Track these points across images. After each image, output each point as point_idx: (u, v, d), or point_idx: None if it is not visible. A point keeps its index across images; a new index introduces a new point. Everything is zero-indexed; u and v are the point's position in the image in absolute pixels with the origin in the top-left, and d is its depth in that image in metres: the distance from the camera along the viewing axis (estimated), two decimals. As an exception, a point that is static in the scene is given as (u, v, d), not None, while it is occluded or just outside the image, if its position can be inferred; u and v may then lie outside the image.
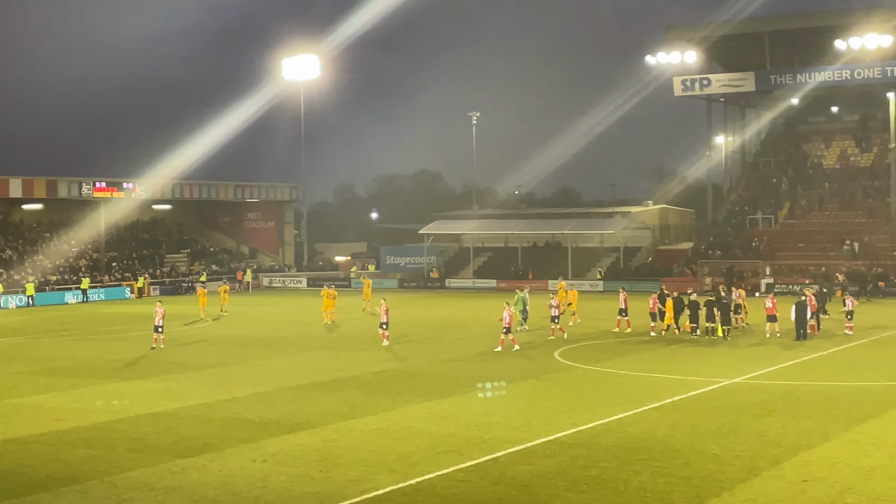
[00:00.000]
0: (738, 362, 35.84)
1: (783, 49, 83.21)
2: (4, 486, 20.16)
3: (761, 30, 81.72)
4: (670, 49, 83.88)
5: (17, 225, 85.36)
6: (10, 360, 40.09)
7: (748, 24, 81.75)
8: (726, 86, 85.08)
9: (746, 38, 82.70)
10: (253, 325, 53.61)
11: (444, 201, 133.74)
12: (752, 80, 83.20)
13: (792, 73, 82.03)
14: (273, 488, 19.63)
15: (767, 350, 39.31)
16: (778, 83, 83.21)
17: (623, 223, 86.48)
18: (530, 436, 23.73)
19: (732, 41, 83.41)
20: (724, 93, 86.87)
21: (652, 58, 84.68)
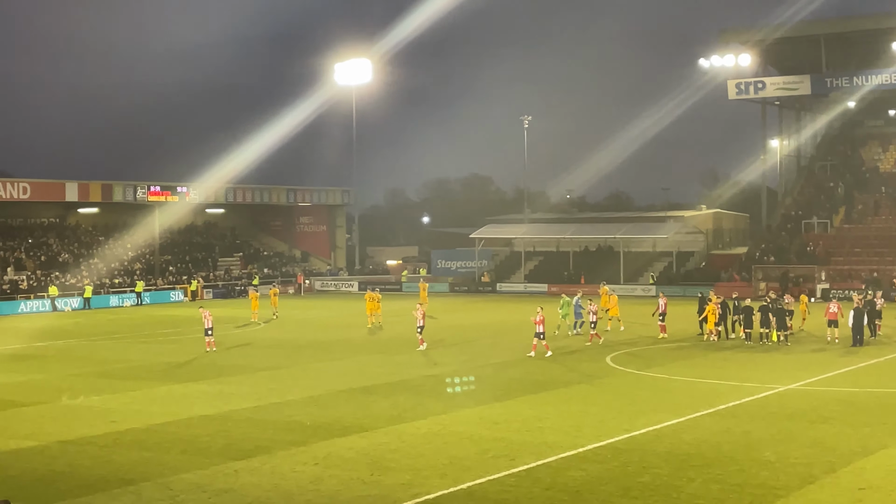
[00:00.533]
0: (792, 368, 35.42)
1: (839, 52, 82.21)
2: (60, 486, 20.39)
3: (817, 32, 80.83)
4: (724, 52, 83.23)
5: (73, 228, 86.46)
6: (66, 362, 40.59)
7: (804, 26, 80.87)
8: (781, 89, 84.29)
9: (802, 41, 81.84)
10: (304, 328, 53.85)
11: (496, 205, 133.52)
12: (808, 83, 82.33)
13: (848, 75, 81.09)
14: (324, 491, 19.68)
15: (823, 356, 38.82)
16: (834, 86, 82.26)
17: (676, 227, 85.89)
18: (582, 441, 23.60)
19: (788, 44, 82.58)
20: (779, 96, 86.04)
21: (706, 61, 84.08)
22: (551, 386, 32.12)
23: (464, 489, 19.67)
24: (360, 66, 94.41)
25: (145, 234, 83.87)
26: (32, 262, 77.64)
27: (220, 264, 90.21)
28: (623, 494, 19.16)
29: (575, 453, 22.43)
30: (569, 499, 18.96)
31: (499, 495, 19.25)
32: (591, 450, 22.77)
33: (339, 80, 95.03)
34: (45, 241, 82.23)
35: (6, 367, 39.22)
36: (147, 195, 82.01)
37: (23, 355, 43.20)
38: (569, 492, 19.37)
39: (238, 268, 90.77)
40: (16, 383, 34.68)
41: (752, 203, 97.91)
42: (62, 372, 37.38)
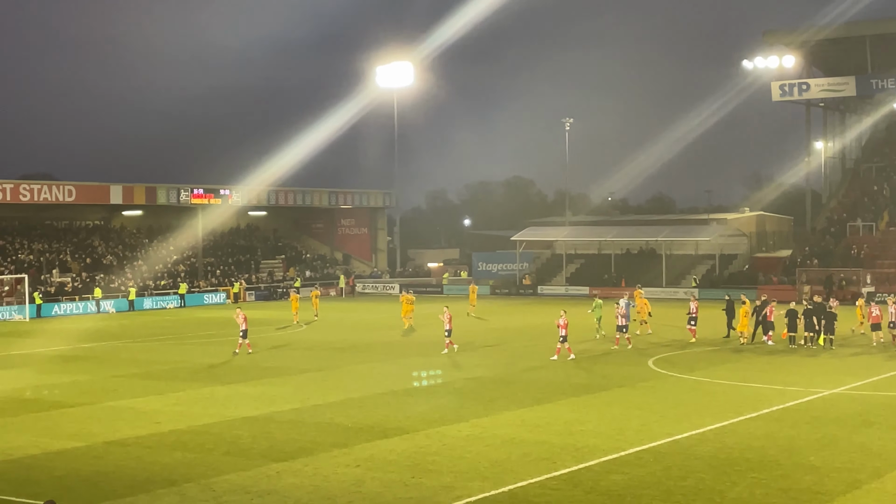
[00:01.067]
0: (838, 372, 35.09)
1: (885, 53, 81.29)
2: (105, 487, 20.58)
3: (863, 33, 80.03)
4: (768, 53, 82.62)
5: (118, 231, 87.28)
6: (110, 363, 40.97)
7: (849, 27, 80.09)
8: (826, 90, 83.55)
9: (847, 42, 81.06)
10: (346, 330, 54.00)
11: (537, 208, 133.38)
12: (853, 84, 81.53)
13: (894, 77, 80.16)
14: (366, 493, 19.73)
15: (869, 360, 38.42)
16: (880, 87, 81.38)
17: (719, 230, 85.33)
18: (624, 444, 23.51)
19: (833, 45, 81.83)
20: (824, 97, 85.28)
21: (749, 62, 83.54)
22: (593, 389, 32.02)
23: (505, 492, 19.65)
24: (402, 69, 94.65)
25: (188, 236, 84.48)
26: (77, 264, 78.45)
27: (262, 267, 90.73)
28: (665, 499, 19.06)
29: (617, 457, 22.35)
30: (611, 502, 18.89)
31: (540, 498, 19.22)
32: (633, 453, 22.67)
33: (380, 83, 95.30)
34: (90, 244, 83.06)
35: (52, 368, 39.66)
36: (190, 198, 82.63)
37: (68, 357, 43.66)
38: (611, 496, 19.30)
39: (280, 270, 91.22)
40: (61, 384, 35.05)
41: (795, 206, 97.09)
42: (107, 373, 37.73)
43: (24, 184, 75.96)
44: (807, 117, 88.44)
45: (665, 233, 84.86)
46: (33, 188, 74.64)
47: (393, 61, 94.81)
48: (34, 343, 49.21)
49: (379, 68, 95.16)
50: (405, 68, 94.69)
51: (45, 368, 39.45)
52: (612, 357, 40.06)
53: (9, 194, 72.12)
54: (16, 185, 74.45)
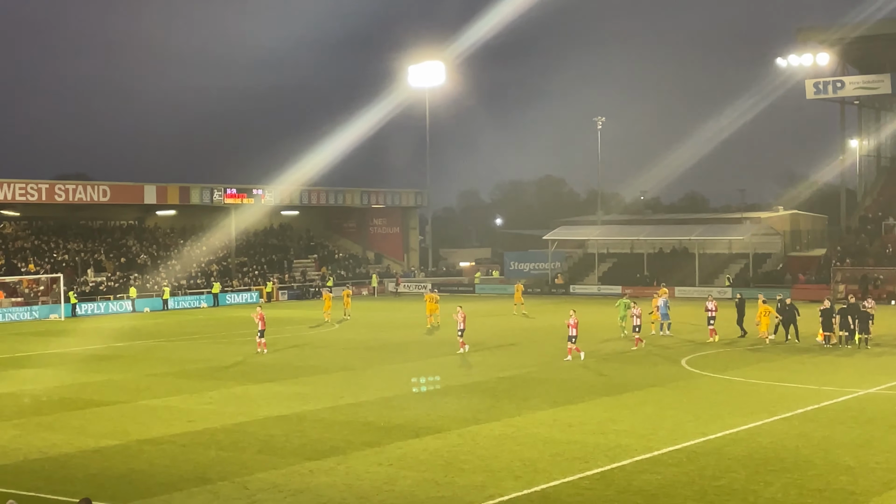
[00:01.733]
0: (873, 372, 34.81)
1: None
2: (139, 485, 20.72)
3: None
4: (802, 51, 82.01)
5: (152, 231, 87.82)
6: (145, 362, 41.24)
7: (885, 24, 79.28)
8: (861, 88, 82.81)
9: (883, 39, 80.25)
10: (378, 329, 54.09)
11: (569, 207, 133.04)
12: (889, 82, 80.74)
13: (931, 74, 79.35)
14: (399, 492, 19.76)
15: (904, 360, 38.10)
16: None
17: (752, 229, 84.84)
18: (657, 444, 23.43)
19: (868, 42, 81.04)
20: (859, 95, 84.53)
21: (783, 60, 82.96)
22: (625, 388, 31.93)
23: (537, 491, 19.63)
24: (434, 69, 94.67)
25: (222, 236, 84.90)
26: (112, 263, 79.02)
27: (294, 266, 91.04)
28: (699, 499, 18.98)
29: (650, 457, 22.28)
30: (644, 502, 18.83)
31: (572, 498, 19.18)
32: (667, 453, 22.59)
33: (412, 83, 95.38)
34: (125, 243, 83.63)
35: (87, 367, 39.97)
36: (224, 198, 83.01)
37: (103, 356, 43.98)
38: (644, 495, 19.24)
39: (313, 269, 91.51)
40: (96, 383, 35.32)
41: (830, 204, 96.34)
42: (141, 372, 37.99)
43: (59, 184, 76.58)
44: (841, 115, 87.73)
45: (698, 232, 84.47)
46: (68, 188, 75.23)
47: (424, 61, 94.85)
48: (69, 342, 49.62)
49: (411, 68, 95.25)
50: (437, 68, 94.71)
51: (81, 367, 39.77)
52: (645, 357, 39.93)
53: (44, 194, 72.71)
54: (51, 185, 75.05)
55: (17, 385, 34.86)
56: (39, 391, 33.47)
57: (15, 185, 70.59)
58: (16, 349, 47.35)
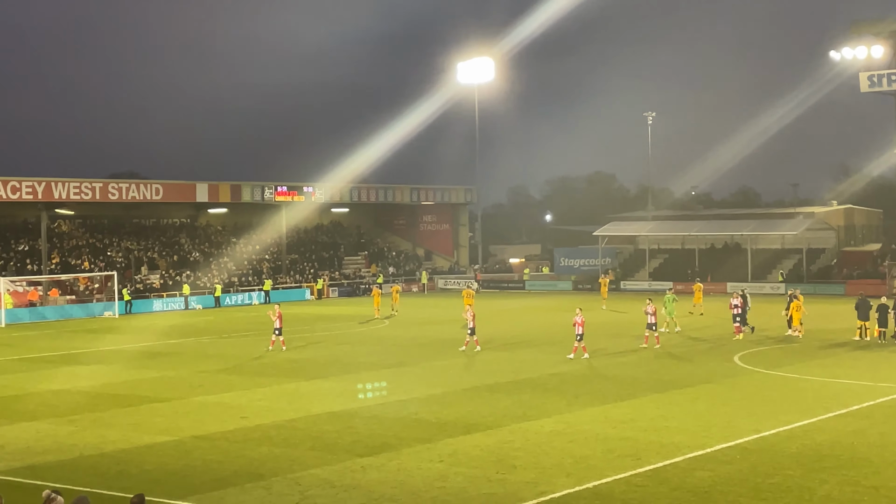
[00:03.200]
0: (930, 368, 34.31)
1: (978, 41, 79.12)
2: (194, 481, 20.90)
3: (954, 22, 77.97)
4: (856, 44, 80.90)
5: (204, 228, 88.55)
6: (197, 359, 41.58)
7: (940, 15, 78.08)
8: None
9: (938, 30, 79.03)
10: (427, 325, 54.17)
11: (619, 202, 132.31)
12: (944, 74, 79.48)
13: None
14: (450, 489, 19.76)
15: (962, 356, 37.52)
16: (972, 77, 79.22)
17: (806, 224, 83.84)
18: (710, 441, 23.25)
19: (923, 34, 79.79)
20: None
21: (836, 53, 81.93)
22: (678, 385, 31.72)
23: (589, 488, 19.55)
24: (483, 65, 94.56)
25: (273, 233, 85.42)
26: (165, 261, 79.79)
27: (345, 263, 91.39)
28: (753, 496, 18.81)
29: (703, 454, 22.11)
30: (697, 500, 18.68)
31: (625, 495, 19.08)
32: (720, 450, 22.41)
33: (461, 79, 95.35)
34: (177, 241, 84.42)
35: (141, 363, 40.38)
36: (274, 195, 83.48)
37: (157, 352, 44.40)
38: (697, 493, 19.10)
39: (363, 266, 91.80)
40: (150, 379, 35.67)
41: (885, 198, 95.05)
42: (194, 369, 38.32)
43: (112, 183, 77.38)
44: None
45: (750, 227, 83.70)
46: (122, 187, 76.01)
47: (474, 57, 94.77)
48: (123, 339, 50.15)
49: (460, 64, 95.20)
50: (486, 64, 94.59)
51: (134, 364, 40.17)
52: (697, 353, 39.67)
53: (98, 193, 73.50)
54: (105, 184, 75.84)
55: (71, 382, 35.29)
56: (94, 388, 33.85)
57: (70, 185, 71.43)
58: (71, 346, 47.96)
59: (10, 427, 27.00)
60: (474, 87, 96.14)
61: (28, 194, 69.00)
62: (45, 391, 33.38)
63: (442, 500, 18.99)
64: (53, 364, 40.89)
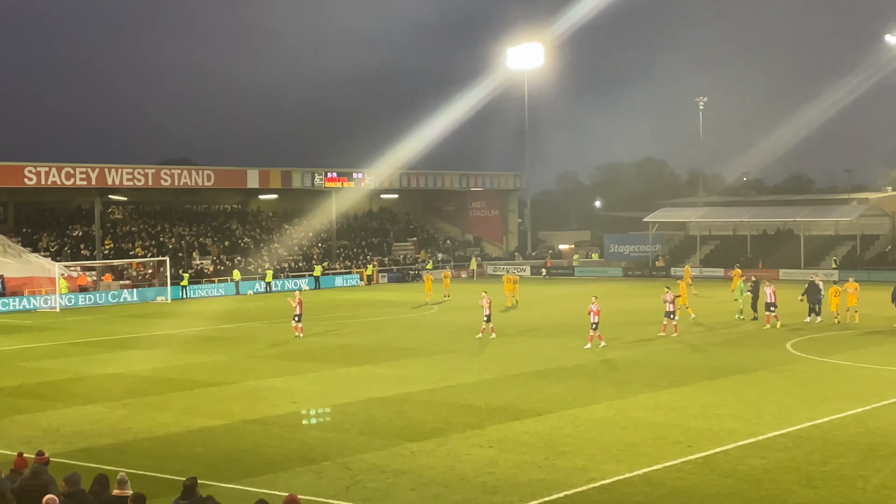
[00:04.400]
0: None
1: None
2: (245, 464, 21.06)
3: None
4: (912, 27, 79.73)
5: (254, 214, 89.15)
6: (249, 344, 41.89)
7: None
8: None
9: None
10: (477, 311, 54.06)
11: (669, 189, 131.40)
12: None
13: None
14: (500, 474, 19.76)
15: None
16: None
17: (860, 210, 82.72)
18: (762, 429, 23.06)
19: (981, 16, 78.47)
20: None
21: (892, 37, 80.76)
22: (729, 372, 31.49)
23: (640, 475, 19.47)
24: (532, 50, 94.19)
25: (322, 219, 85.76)
26: (216, 247, 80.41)
27: (394, 249, 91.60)
28: (806, 484, 18.64)
29: (754, 441, 21.95)
30: (749, 487, 18.54)
31: (676, 482, 18.98)
32: (772, 438, 22.23)
33: (511, 65, 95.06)
34: (228, 227, 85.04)
35: (193, 348, 40.74)
36: (324, 181, 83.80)
37: (209, 337, 44.77)
38: (749, 480, 18.95)
39: (412, 252, 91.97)
40: (202, 364, 35.99)
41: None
42: (245, 353, 38.61)
43: (164, 169, 78.03)
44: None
45: (803, 213, 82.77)
46: (173, 173, 76.63)
47: (523, 43, 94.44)
48: (176, 324, 50.61)
49: (509, 50, 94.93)
50: (536, 49, 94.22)
51: (186, 348, 40.54)
52: (749, 340, 39.36)
53: (150, 179, 74.21)
54: (157, 170, 76.54)
55: (125, 366, 35.69)
56: (147, 372, 34.21)
57: (123, 171, 72.17)
58: (124, 331, 48.51)
59: (65, 410, 27.37)
60: (524, 72, 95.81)
61: (82, 180, 69.78)
62: (100, 375, 33.79)
63: (491, 486, 18.99)
64: (107, 348, 41.38)
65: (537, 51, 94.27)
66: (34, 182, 67.61)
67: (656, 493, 18.33)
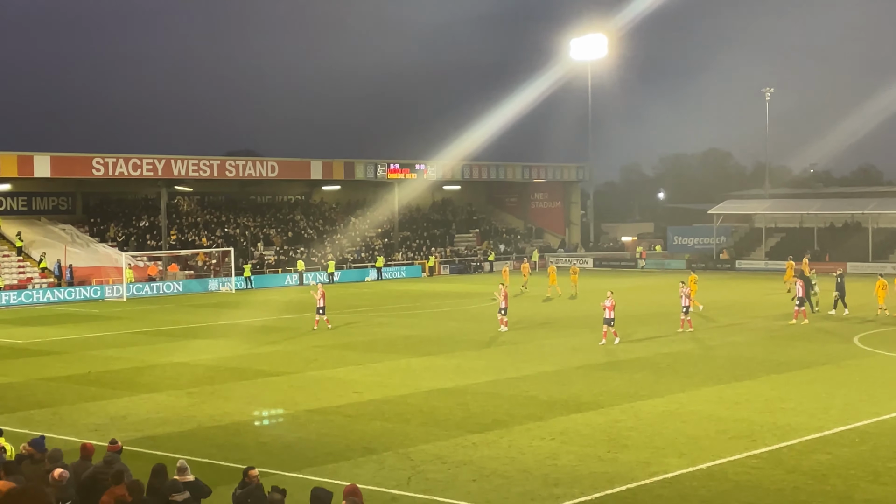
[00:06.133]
0: None
1: None
2: (308, 454, 21.22)
3: None
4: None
5: (318, 206, 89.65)
6: (311, 334, 42.15)
7: None
8: None
9: None
10: (539, 304, 54.03)
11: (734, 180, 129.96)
12: None
13: None
14: (562, 466, 19.72)
15: None
16: None
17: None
18: (828, 423, 22.78)
19: None
20: None
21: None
22: (794, 366, 31.12)
23: (703, 469, 19.32)
24: (596, 41, 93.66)
25: (385, 210, 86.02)
26: (280, 238, 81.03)
27: (456, 240, 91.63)
28: (873, 480, 18.37)
29: (820, 436, 21.68)
30: (814, 483, 18.32)
31: (739, 477, 18.81)
32: (838, 433, 21.96)
33: (574, 56, 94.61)
34: (292, 218, 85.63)
35: (257, 338, 41.10)
36: (387, 173, 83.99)
37: (272, 327, 45.14)
38: (814, 476, 18.73)
39: (474, 244, 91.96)
40: (266, 354, 36.31)
41: None
42: (308, 344, 38.88)
43: (229, 160, 78.70)
44: None
45: (872, 205, 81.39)
46: (238, 164, 77.29)
47: (587, 33, 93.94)
48: (240, 314, 51.06)
49: (573, 41, 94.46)
50: (599, 40, 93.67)
51: (251, 338, 40.91)
52: (815, 334, 38.83)
53: (215, 170, 74.87)
54: (222, 161, 77.20)
55: (190, 355, 36.12)
56: (212, 361, 34.59)
57: (188, 162, 72.88)
58: (189, 320, 49.09)
59: (132, 399, 27.77)
60: (587, 63, 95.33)
61: (149, 171, 70.60)
62: (165, 364, 34.24)
63: (553, 478, 18.96)
64: (173, 337, 41.90)
65: (601, 41, 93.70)
66: (102, 173, 68.51)
67: (720, 488, 18.18)
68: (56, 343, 40.69)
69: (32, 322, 49.02)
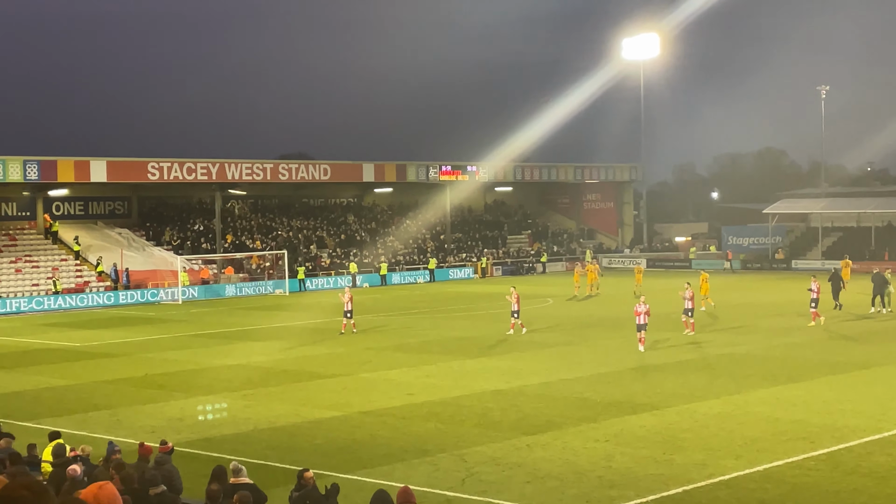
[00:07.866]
0: None
1: None
2: (362, 455, 21.28)
3: None
4: None
5: (370, 208, 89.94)
6: (364, 336, 42.27)
7: None
8: None
9: None
10: (593, 304, 53.81)
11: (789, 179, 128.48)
12: None
13: None
14: (617, 469, 19.61)
15: None
16: None
17: None
18: (887, 425, 22.46)
19: None
20: None
21: None
22: (852, 367, 30.72)
23: (759, 471, 19.13)
24: (649, 41, 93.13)
25: (437, 212, 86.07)
26: (332, 240, 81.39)
27: (508, 242, 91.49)
28: (934, 483, 18.08)
29: (879, 437, 21.39)
30: (874, 485, 18.07)
31: (797, 479, 18.60)
32: (898, 435, 21.63)
33: (626, 56, 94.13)
34: (344, 220, 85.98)
35: (310, 340, 41.29)
36: (439, 175, 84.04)
37: (325, 329, 45.29)
38: (874, 477, 18.47)
39: (526, 245, 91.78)
40: (320, 356, 36.47)
41: None
42: (361, 346, 38.99)
43: (282, 163, 79.12)
44: None
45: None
46: (291, 167, 77.69)
47: (639, 33, 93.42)
48: (293, 316, 51.36)
49: (625, 41, 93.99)
50: (652, 40, 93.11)
51: (304, 340, 41.11)
52: (873, 335, 38.31)
53: (269, 174, 75.36)
54: (275, 164, 77.69)
55: (245, 357, 36.37)
56: (266, 363, 34.81)
57: (242, 166, 73.45)
58: (244, 323, 49.44)
59: (187, 400, 28.02)
60: (640, 62, 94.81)
61: (203, 175, 71.18)
62: (220, 366, 34.51)
63: (608, 480, 18.86)
64: (227, 340, 42.23)
65: (653, 41, 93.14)
66: (157, 177, 69.21)
67: (777, 490, 17.98)
68: (113, 346, 41.18)
69: (90, 325, 49.65)
